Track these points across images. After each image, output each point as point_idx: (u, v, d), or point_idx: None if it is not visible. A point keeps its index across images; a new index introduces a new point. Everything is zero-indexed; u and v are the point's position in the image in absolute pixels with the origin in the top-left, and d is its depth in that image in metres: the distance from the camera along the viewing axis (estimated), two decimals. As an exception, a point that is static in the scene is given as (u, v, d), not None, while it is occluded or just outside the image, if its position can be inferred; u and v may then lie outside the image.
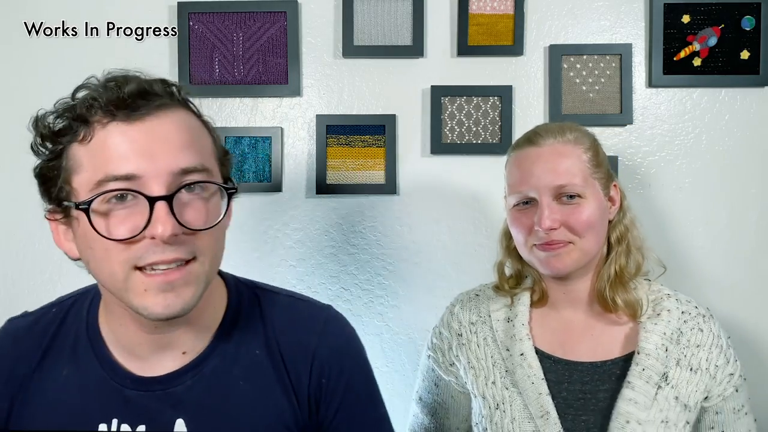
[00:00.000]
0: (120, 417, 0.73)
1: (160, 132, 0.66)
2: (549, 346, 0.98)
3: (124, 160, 0.64)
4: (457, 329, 1.05)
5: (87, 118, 0.66)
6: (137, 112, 0.65)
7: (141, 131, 0.65)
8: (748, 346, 1.34)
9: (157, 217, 0.64)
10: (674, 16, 1.36)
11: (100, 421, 0.73)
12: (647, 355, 0.92)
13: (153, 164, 0.65)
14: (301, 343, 0.78)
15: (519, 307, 1.01)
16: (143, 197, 0.64)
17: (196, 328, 0.76)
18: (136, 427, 0.73)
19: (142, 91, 0.66)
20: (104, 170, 0.64)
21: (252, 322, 0.79)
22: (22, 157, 1.37)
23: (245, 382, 0.75)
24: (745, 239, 1.37)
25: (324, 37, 1.39)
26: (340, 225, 1.39)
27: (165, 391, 0.74)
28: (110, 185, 0.64)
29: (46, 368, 0.76)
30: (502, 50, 1.37)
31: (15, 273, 1.39)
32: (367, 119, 1.37)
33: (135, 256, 0.65)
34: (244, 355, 0.77)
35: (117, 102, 0.65)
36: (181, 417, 0.73)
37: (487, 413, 0.97)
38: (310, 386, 0.77)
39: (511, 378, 0.97)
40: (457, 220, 1.38)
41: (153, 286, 0.66)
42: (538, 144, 0.96)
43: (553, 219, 0.91)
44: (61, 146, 0.68)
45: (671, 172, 1.37)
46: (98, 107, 0.65)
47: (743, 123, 1.37)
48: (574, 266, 0.95)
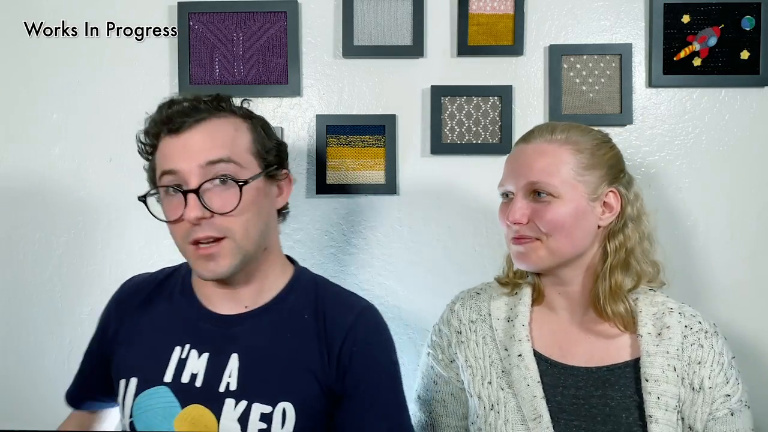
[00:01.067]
0: (192, 343, 0.94)
1: (193, 139, 0.90)
2: (547, 349, 0.98)
3: (169, 160, 0.90)
4: (457, 327, 1.05)
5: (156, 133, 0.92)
6: (178, 128, 0.90)
7: (180, 140, 0.90)
8: (748, 346, 1.34)
9: (187, 205, 0.87)
10: (674, 16, 1.36)
11: (176, 344, 0.95)
12: (656, 381, 0.90)
13: (186, 162, 0.88)
14: (342, 318, 0.96)
15: (520, 307, 1.00)
16: (180, 191, 0.88)
17: (257, 290, 0.97)
18: (202, 353, 0.93)
19: (182, 112, 0.90)
20: (161, 168, 0.91)
21: (307, 296, 0.99)
22: (23, 156, 1.38)
23: (292, 335, 0.95)
24: (745, 239, 1.37)
25: (324, 37, 1.39)
26: (340, 225, 1.39)
27: (229, 329, 0.95)
28: (164, 179, 0.90)
29: (151, 303, 1.01)
30: (502, 50, 1.37)
31: (15, 273, 1.39)
32: (367, 119, 1.37)
33: (186, 234, 0.89)
34: (296, 316, 0.96)
35: (164, 122, 0.91)
36: (236, 352, 0.92)
37: (482, 414, 0.97)
38: (341, 352, 0.93)
39: (507, 379, 0.96)
40: (457, 220, 1.38)
41: (199, 256, 0.89)
42: (528, 141, 0.99)
43: (521, 214, 0.94)
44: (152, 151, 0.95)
45: (671, 172, 1.37)
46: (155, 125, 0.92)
47: (743, 123, 1.37)
48: (541, 264, 0.95)
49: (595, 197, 0.95)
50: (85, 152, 1.38)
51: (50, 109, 1.38)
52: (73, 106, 1.38)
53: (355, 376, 0.93)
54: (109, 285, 1.36)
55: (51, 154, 1.38)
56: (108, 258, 1.39)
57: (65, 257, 1.39)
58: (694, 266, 1.36)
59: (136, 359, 0.96)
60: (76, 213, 1.38)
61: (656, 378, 0.91)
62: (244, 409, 0.89)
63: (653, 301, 0.98)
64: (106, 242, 1.39)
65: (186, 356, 0.93)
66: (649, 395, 0.90)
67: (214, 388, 0.90)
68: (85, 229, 1.39)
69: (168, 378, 0.92)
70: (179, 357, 0.93)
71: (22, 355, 1.38)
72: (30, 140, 1.38)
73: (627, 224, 0.97)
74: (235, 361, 0.92)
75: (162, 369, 0.93)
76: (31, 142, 1.38)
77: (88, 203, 1.39)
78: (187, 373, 0.92)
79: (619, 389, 0.93)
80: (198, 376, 0.91)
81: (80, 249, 1.39)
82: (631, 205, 0.97)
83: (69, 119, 1.38)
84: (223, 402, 0.89)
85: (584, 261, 0.98)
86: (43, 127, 1.38)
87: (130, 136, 1.36)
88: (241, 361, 0.92)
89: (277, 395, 0.90)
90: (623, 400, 0.92)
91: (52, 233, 1.39)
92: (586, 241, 0.96)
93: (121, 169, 1.38)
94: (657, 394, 0.90)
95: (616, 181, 0.97)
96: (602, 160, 0.96)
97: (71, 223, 1.39)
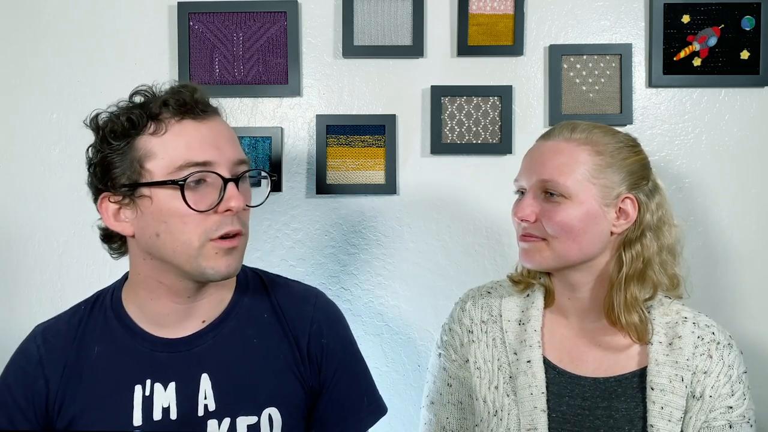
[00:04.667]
0: (153, 377, 0.86)
1: (221, 130, 0.85)
2: (556, 355, 0.95)
3: (200, 150, 0.81)
4: (468, 326, 1.01)
5: (158, 115, 0.81)
6: (204, 114, 0.83)
7: (209, 128, 0.83)
8: (748, 346, 1.33)
9: (231, 195, 0.81)
10: (674, 16, 1.36)
11: (136, 383, 0.85)
12: (662, 391, 0.88)
13: (221, 155, 0.82)
14: (301, 310, 0.95)
15: (532, 310, 0.98)
16: (220, 178, 0.81)
17: (215, 300, 0.91)
18: (167, 385, 0.86)
19: (204, 100, 0.85)
20: (184, 157, 0.80)
21: (259, 293, 0.95)
22: (23, 156, 1.38)
23: (258, 340, 0.91)
24: (745, 239, 1.37)
25: (324, 37, 1.39)
26: (340, 225, 1.39)
27: (190, 351, 0.88)
28: (191, 169, 0.80)
29: (81, 350, 0.88)
30: (502, 50, 1.37)
31: (15, 273, 1.39)
32: (367, 119, 1.37)
33: (210, 229, 0.81)
34: (255, 318, 0.92)
35: (190, 104, 0.82)
36: (206, 372, 0.87)
37: (486, 418, 0.95)
38: (309, 345, 0.93)
39: (512, 384, 0.94)
40: (457, 220, 1.38)
41: (222, 250, 0.82)
42: (547, 138, 0.96)
43: (529, 211, 0.92)
44: (129, 139, 0.81)
45: (671, 172, 1.37)
46: (171, 107, 0.82)
47: (743, 123, 1.37)
48: (545, 264, 0.93)
49: (610, 202, 0.90)
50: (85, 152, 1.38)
51: (50, 109, 1.38)
52: (73, 106, 1.38)
53: (330, 367, 0.94)
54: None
55: (51, 154, 1.38)
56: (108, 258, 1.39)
57: (65, 257, 1.39)
58: (694, 266, 1.36)
59: (90, 415, 0.85)
60: (76, 213, 1.38)
61: (662, 387, 0.89)
62: (229, 427, 0.85)
63: (668, 310, 0.95)
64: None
65: (150, 393, 0.85)
66: (653, 404, 0.88)
67: (193, 414, 0.85)
68: (85, 229, 1.39)
69: (137, 421, 0.84)
70: (143, 395, 0.85)
71: (22, 355, 1.38)
72: (30, 140, 1.38)
73: (645, 234, 0.92)
74: (207, 381, 0.87)
75: (128, 414, 0.84)
76: (31, 142, 1.38)
77: (88, 203, 1.38)
78: (157, 410, 0.85)
79: (625, 400, 0.91)
80: (170, 408, 0.85)
81: (80, 249, 1.39)
82: (651, 214, 0.92)
83: (69, 119, 1.38)
84: (206, 425, 0.85)
85: (595, 267, 0.94)
86: (43, 127, 1.38)
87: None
88: (213, 379, 0.87)
89: (260, 404, 0.88)
90: (628, 411, 0.90)
91: (52, 233, 1.39)
92: (596, 246, 0.92)
93: (121, 169, 1.38)
94: (661, 404, 0.88)
95: (636, 187, 0.92)
96: (622, 164, 0.91)
97: (71, 223, 1.39)
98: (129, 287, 0.91)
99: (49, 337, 0.89)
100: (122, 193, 0.82)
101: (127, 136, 0.81)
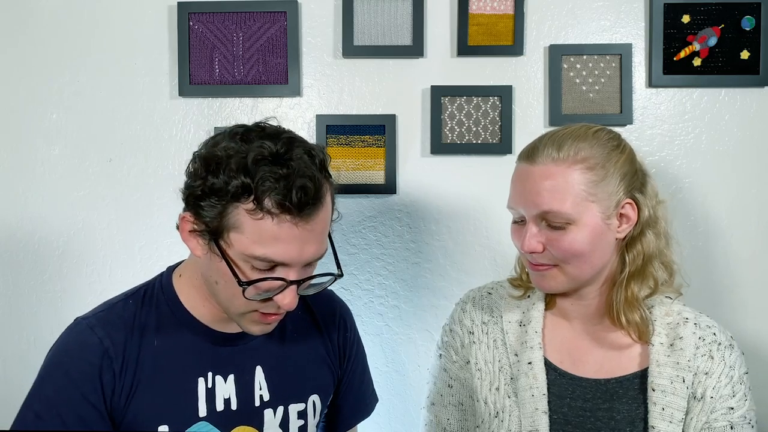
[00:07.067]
0: (214, 370, 0.90)
1: (316, 229, 0.80)
2: (557, 357, 0.95)
3: (283, 252, 0.79)
4: (469, 327, 1.01)
5: (261, 200, 0.76)
6: (303, 213, 0.78)
7: (304, 230, 0.79)
8: (748, 347, 1.33)
9: (287, 294, 0.81)
10: (674, 16, 1.36)
11: (198, 376, 0.89)
12: (663, 392, 0.88)
13: (300, 256, 0.80)
14: (329, 307, 1.05)
15: (533, 312, 0.97)
16: (286, 283, 0.81)
17: None
18: (227, 377, 0.91)
19: (309, 190, 0.77)
20: (265, 252, 0.78)
21: None
22: (22, 156, 1.38)
23: (297, 334, 0.99)
24: (745, 239, 1.37)
25: (324, 37, 1.39)
26: (340, 225, 1.39)
27: (246, 345, 0.93)
28: (263, 264, 0.79)
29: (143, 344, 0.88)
30: (502, 50, 1.37)
31: (15, 273, 1.39)
32: (367, 119, 1.37)
33: (258, 306, 0.83)
34: (292, 315, 0.95)
35: (289, 206, 0.76)
36: (259, 364, 0.93)
37: (487, 420, 0.95)
38: (338, 338, 1.03)
39: (514, 386, 0.94)
40: (457, 220, 1.38)
41: (262, 322, 0.86)
42: (534, 161, 0.91)
43: (535, 242, 0.89)
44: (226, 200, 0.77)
45: (671, 172, 1.37)
46: (272, 200, 0.76)
47: (743, 123, 1.37)
48: (562, 288, 0.93)
49: (611, 213, 0.89)
50: (85, 152, 1.38)
51: (50, 109, 1.38)
52: (73, 106, 1.38)
53: (351, 357, 1.05)
54: (109, 285, 1.37)
55: (51, 154, 1.38)
56: (108, 258, 1.39)
57: (65, 257, 1.39)
58: (694, 267, 1.36)
59: (156, 407, 0.86)
60: (76, 213, 1.38)
61: (663, 389, 0.88)
62: (283, 414, 0.94)
63: (669, 311, 0.94)
64: (106, 242, 1.39)
65: (212, 385, 0.90)
66: (654, 405, 0.88)
67: (251, 405, 0.91)
68: (85, 229, 1.39)
69: (203, 412, 0.88)
70: (206, 388, 0.89)
71: (22, 355, 1.38)
72: (30, 140, 1.38)
73: (644, 232, 0.92)
74: (261, 373, 0.94)
75: (193, 405, 0.88)
76: (31, 142, 1.38)
77: (88, 203, 1.39)
78: (219, 401, 0.90)
79: (626, 402, 0.91)
80: (231, 399, 0.91)
81: (80, 249, 1.39)
82: (648, 208, 0.92)
83: (69, 119, 1.38)
84: (263, 414, 0.92)
85: (603, 274, 0.94)
86: (43, 127, 1.38)
87: (130, 136, 1.38)
88: (265, 371, 0.94)
89: (306, 392, 0.97)
90: (629, 413, 0.90)
91: (52, 233, 1.39)
92: (605, 258, 0.92)
93: (121, 169, 1.38)
94: (662, 405, 0.88)
95: (632, 187, 0.91)
96: (614, 169, 0.90)
97: (71, 223, 1.39)
98: (184, 283, 0.92)
99: (110, 329, 0.87)
100: (202, 229, 0.81)
101: (224, 196, 0.77)
